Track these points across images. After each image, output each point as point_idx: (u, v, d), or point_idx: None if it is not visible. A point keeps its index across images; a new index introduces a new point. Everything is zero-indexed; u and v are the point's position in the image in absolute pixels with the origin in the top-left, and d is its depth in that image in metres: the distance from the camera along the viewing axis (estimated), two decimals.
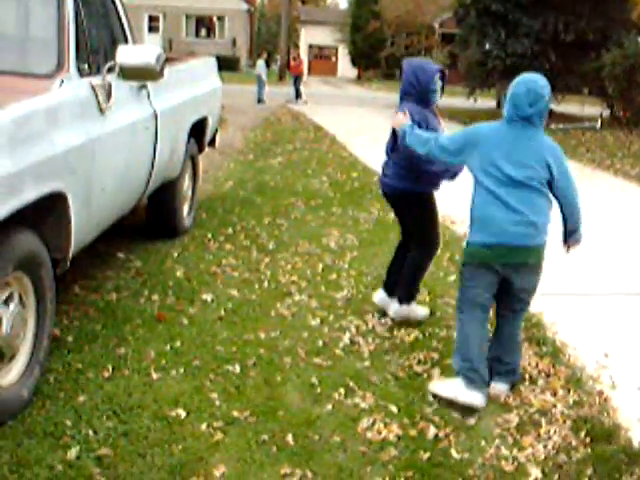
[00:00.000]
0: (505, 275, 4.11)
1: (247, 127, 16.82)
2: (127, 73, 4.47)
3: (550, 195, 4.11)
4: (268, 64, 32.01)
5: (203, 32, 56.31)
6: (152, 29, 54.27)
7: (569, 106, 23.13)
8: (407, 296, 5.08)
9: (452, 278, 6.09)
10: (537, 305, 5.43)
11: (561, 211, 4.22)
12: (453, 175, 5.03)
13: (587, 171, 12.25)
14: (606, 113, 19.16)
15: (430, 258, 5.18)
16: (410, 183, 4.91)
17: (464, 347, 4.08)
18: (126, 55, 4.44)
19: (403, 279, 5.09)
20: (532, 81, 4.00)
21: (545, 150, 4.07)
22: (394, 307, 5.10)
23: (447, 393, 4.02)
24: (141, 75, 4.53)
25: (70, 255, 4.03)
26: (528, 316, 5.24)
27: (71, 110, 4.01)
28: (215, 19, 55.60)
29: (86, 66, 4.34)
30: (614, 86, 17.32)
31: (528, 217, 4.01)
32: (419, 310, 5.17)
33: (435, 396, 4.05)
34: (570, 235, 4.37)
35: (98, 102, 4.34)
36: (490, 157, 4.08)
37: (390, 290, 5.17)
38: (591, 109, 22.69)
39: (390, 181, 4.98)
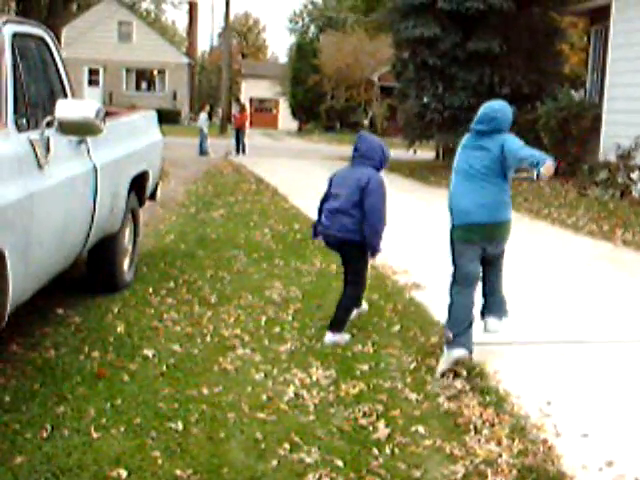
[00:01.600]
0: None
1: (189, 180, 16.81)
2: (66, 128, 4.45)
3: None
4: (210, 117, 32.15)
5: (144, 85, 56.44)
6: (92, 82, 54.21)
7: None
8: (341, 327, 5.85)
9: (395, 328, 6.10)
10: (479, 355, 5.49)
11: None
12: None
13: (525, 220, 12.47)
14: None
15: (362, 293, 6.29)
16: (360, 235, 5.81)
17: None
18: (65, 109, 4.42)
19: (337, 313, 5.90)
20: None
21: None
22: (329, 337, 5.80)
23: (445, 365, 5.18)
24: (80, 130, 4.51)
25: (7, 313, 3.94)
26: (471, 366, 5.29)
27: (9, 165, 3.96)
28: (156, 72, 55.80)
29: (24, 121, 4.31)
30: (549, 137, 17.73)
31: None
32: (346, 336, 5.85)
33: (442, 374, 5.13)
34: None
35: (37, 157, 4.29)
36: None
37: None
38: None
39: (347, 234, 5.86)
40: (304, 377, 4.99)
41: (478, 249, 5.45)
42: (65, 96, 5.14)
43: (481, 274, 5.60)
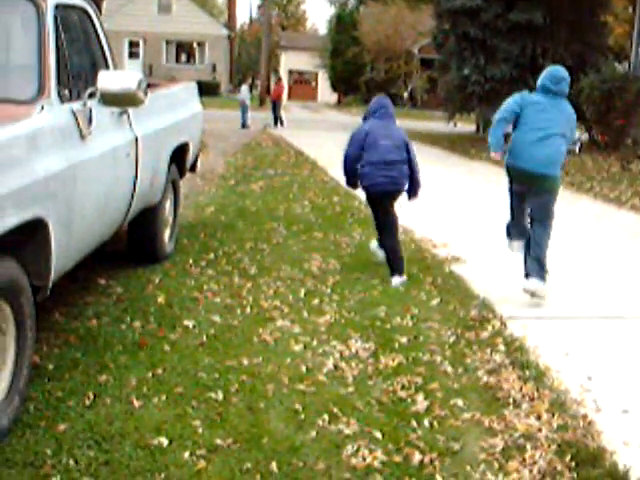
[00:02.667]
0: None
1: (228, 152, 16.84)
2: (108, 99, 4.47)
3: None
4: (251, 90, 32.14)
5: (183, 58, 56.52)
6: (132, 55, 54.38)
7: None
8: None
9: (435, 302, 6.08)
10: (519, 329, 5.47)
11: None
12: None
13: (566, 194, 12.31)
14: (585, 137, 19.34)
15: None
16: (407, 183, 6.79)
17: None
18: (107, 81, 4.44)
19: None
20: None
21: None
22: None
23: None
24: (122, 101, 4.53)
25: (50, 282, 4.00)
26: (510, 340, 5.27)
27: (52, 136, 3.99)
28: (195, 45, 55.82)
29: (67, 92, 4.33)
30: (592, 110, 17.48)
31: None
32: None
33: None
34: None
35: (79, 128, 4.32)
36: None
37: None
38: None
39: (402, 181, 6.72)
40: (343, 349, 5.00)
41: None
42: (107, 67, 5.16)
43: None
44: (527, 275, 6.31)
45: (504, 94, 19.96)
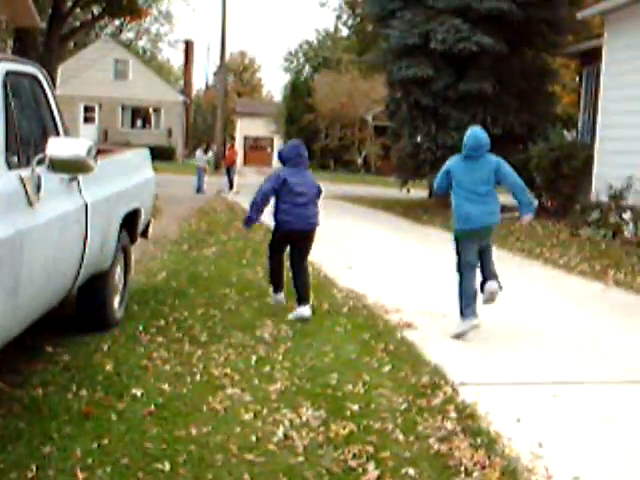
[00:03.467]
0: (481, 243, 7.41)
1: (182, 217, 16.82)
2: (57, 165, 4.45)
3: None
4: (206, 154, 32.30)
5: (139, 123, 56.76)
6: (88, 119, 54.51)
7: (501, 196, 23.70)
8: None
9: (387, 369, 6.06)
10: (471, 395, 5.46)
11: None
12: None
13: (517, 259, 12.49)
14: (535, 203, 19.65)
15: None
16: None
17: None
18: (56, 147, 4.43)
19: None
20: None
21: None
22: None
23: (462, 329, 7.16)
24: (72, 168, 4.52)
25: None
26: (462, 407, 5.26)
27: None
28: (151, 110, 56.12)
29: (15, 158, 4.30)
30: (541, 177, 17.83)
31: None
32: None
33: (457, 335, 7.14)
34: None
35: (27, 195, 4.28)
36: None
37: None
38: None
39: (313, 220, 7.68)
40: (294, 417, 4.95)
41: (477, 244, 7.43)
42: (58, 134, 5.15)
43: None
44: (484, 282, 7.53)
45: None
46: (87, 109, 54.36)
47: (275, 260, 7.94)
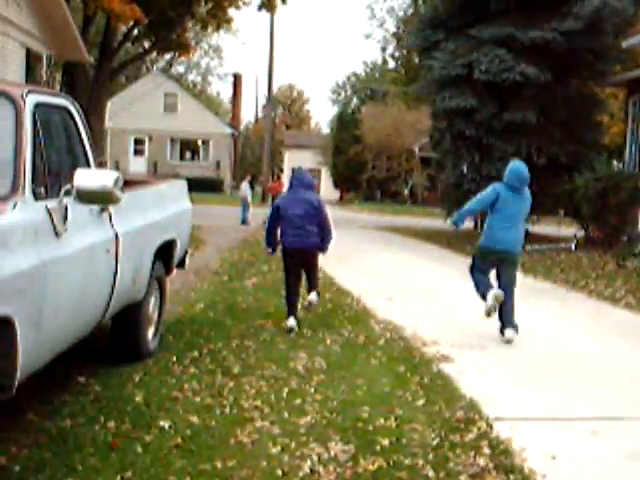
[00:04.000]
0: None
1: (224, 248, 16.88)
2: (84, 196, 4.47)
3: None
4: (252, 186, 32.49)
5: (188, 155, 57.46)
6: (137, 152, 55.33)
7: (546, 227, 23.44)
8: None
9: (420, 402, 5.95)
10: (506, 431, 5.33)
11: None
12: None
13: (561, 292, 12.26)
14: (580, 234, 19.40)
15: None
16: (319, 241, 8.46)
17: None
18: (83, 178, 4.45)
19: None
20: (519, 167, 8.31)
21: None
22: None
23: (491, 302, 8.20)
24: (98, 198, 4.54)
25: (16, 382, 3.91)
26: (496, 443, 5.13)
27: (23, 233, 3.97)
28: (200, 142, 56.77)
29: (42, 189, 4.33)
30: (587, 208, 17.58)
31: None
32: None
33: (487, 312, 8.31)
34: None
35: (53, 225, 4.30)
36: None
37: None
38: (568, 229, 23.00)
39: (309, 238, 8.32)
40: (322, 451, 4.86)
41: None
42: (88, 166, 5.18)
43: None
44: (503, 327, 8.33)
45: None
46: (137, 142, 55.21)
47: (288, 283, 8.58)
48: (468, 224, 26.22)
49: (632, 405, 6.24)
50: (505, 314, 8.26)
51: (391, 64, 67.13)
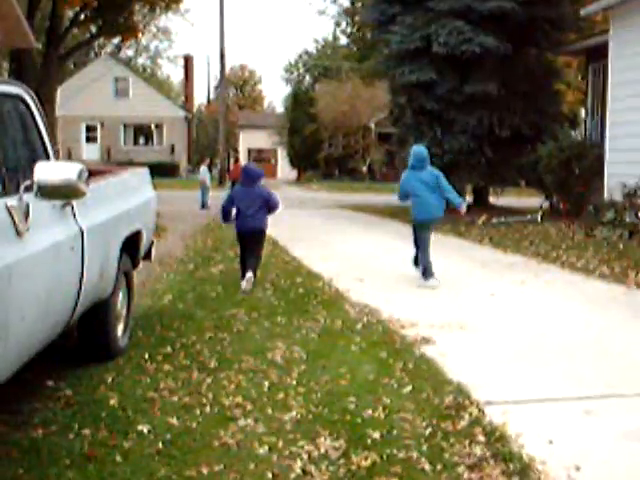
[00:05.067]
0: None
1: (187, 234, 16.53)
2: (46, 192, 4.13)
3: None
4: (210, 169, 32.05)
5: (141, 140, 56.73)
6: (90, 139, 54.49)
7: (509, 199, 23.41)
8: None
9: (407, 390, 5.72)
10: (498, 416, 5.13)
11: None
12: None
13: (533, 264, 12.14)
14: (546, 205, 19.35)
15: None
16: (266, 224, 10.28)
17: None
18: (44, 172, 4.11)
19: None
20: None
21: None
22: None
23: (426, 284, 10.07)
24: (62, 193, 4.20)
25: None
26: (490, 429, 4.92)
27: None
28: (153, 127, 56.02)
29: (0, 186, 3.99)
30: (552, 178, 17.50)
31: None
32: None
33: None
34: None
35: (14, 224, 3.97)
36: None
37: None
38: (528, 200, 22.97)
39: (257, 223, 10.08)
40: (311, 449, 4.61)
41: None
42: (47, 158, 4.84)
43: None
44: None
45: (463, 165, 20.11)
46: (89, 129, 54.32)
47: (241, 257, 10.38)
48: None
49: (623, 381, 6.06)
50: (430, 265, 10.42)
51: (343, 41, 66.81)
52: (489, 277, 10.95)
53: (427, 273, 10.21)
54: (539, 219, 17.73)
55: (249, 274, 9.73)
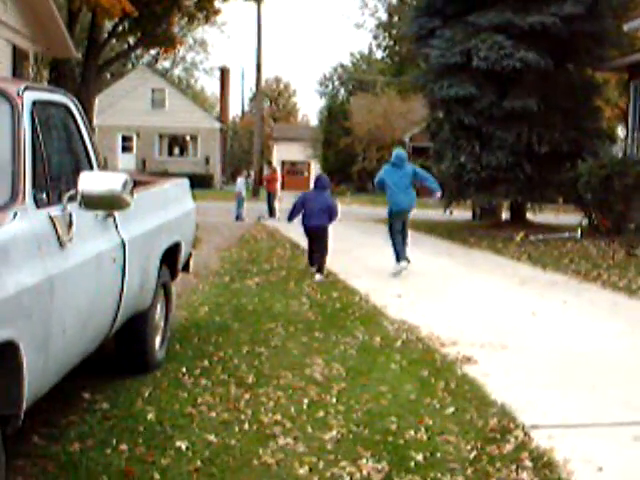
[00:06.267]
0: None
1: (222, 246, 16.48)
2: (90, 202, 4.06)
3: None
4: (247, 181, 32.04)
5: (176, 150, 56.95)
6: (125, 149, 54.82)
7: (546, 216, 23.10)
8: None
9: (449, 410, 5.58)
10: (545, 440, 4.97)
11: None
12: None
13: (574, 283, 11.91)
14: (585, 223, 19.05)
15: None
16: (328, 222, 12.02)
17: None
18: (89, 183, 4.04)
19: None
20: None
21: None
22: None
23: (394, 269, 12.21)
24: (106, 204, 4.12)
25: (22, 412, 3.51)
26: (537, 455, 4.77)
27: (25, 245, 3.57)
28: (188, 138, 56.26)
29: (44, 196, 3.93)
30: (592, 195, 17.23)
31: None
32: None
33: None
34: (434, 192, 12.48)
35: (57, 235, 3.90)
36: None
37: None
38: (566, 218, 22.65)
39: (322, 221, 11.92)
40: (353, 471, 4.49)
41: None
42: (91, 168, 4.78)
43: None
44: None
45: (501, 181, 19.84)
46: (125, 139, 54.67)
47: (309, 249, 12.46)
48: (467, 215, 25.95)
49: None
50: (403, 251, 12.26)
51: (378, 54, 66.64)
52: (529, 295, 10.74)
53: (400, 257, 12.22)
54: (578, 237, 17.45)
55: (318, 276, 11.57)
